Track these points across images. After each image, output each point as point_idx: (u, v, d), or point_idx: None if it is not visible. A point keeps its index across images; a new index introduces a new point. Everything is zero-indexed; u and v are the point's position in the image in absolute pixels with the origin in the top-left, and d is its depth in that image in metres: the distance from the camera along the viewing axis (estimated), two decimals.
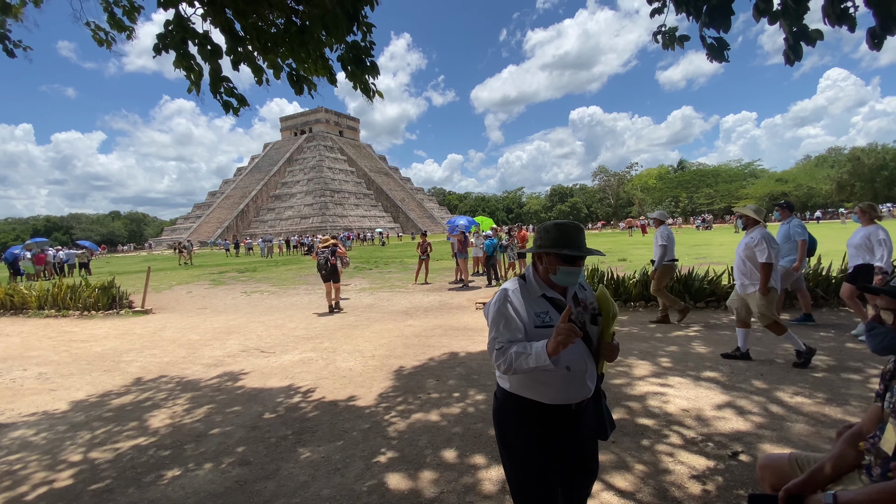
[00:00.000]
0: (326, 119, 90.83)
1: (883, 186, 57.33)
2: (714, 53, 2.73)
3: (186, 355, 6.45)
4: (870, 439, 1.66)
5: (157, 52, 3.24)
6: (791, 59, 2.55)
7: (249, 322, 8.68)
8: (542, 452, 1.79)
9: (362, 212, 74.27)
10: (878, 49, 2.29)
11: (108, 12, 3.80)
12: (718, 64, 2.82)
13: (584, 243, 1.78)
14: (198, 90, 3.38)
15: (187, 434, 3.82)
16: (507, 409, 1.85)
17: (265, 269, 20.35)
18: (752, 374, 4.42)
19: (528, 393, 1.79)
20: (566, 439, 1.81)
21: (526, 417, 1.80)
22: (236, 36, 3.16)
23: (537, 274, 1.84)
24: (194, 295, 13.33)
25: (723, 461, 2.91)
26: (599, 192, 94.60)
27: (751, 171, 78.05)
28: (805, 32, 2.50)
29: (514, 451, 1.85)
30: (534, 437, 1.79)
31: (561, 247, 1.73)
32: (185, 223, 77.99)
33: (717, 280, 7.83)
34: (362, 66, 3.56)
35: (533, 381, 1.77)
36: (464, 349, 5.92)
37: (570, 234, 1.76)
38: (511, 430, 1.84)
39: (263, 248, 32.96)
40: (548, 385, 1.76)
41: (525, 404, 1.79)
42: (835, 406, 3.61)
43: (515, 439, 1.83)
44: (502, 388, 1.87)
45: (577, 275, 1.78)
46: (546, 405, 1.77)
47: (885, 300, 1.58)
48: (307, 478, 3.02)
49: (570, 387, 1.76)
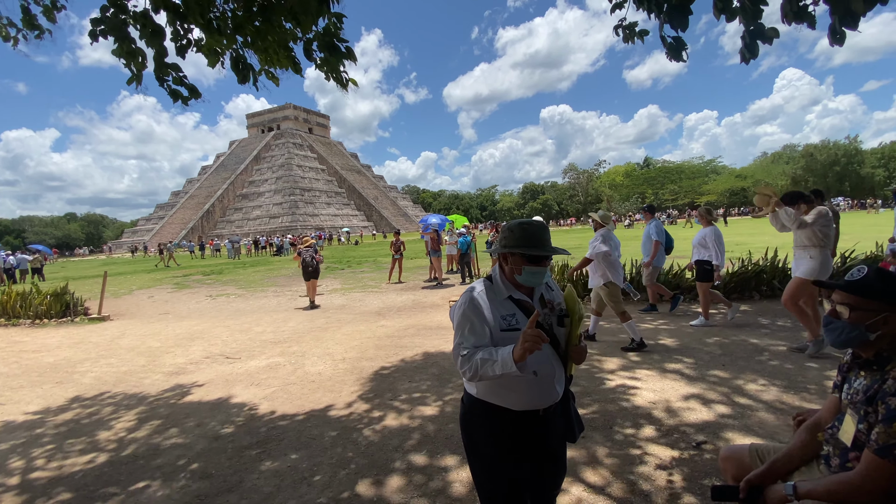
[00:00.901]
0: (295, 116, 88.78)
1: (834, 181, 60.75)
2: (672, 53, 2.76)
3: (146, 364, 6.14)
4: (828, 430, 1.70)
5: (93, 39, 2.99)
6: (747, 57, 2.59)
7: (214, 327, 8.36)
8: (510, 458, 1.74)
9: (334, 210, 73.07)
10: (840, 44, 2.35)
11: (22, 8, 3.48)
12: (680, 64, 2.85)
13: (549, 242, 1.74)
14: (138, 82, 3.14)
15: (144, 447, 3.61)
16: (473, 414, 1.79)
17: (232, 272, 19.72)
18: (715, 365, 4.54)
19: (496, 399, 1.73)
20: (535, 444, 1.76)
21: (493, 423, 1.74)
22: (178, 12, 2.91)
23: (503, 275, 1.79)
24: (156, 300, 12.77)
25: (688, 452, 2.96)
26: (570, 190, 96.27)
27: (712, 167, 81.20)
28: (761, 31, 2.55)
29: (481, 457, 1.80)
30: (501, 443, 1.74)
31: (526, 246, 1.69)
32: (147, 224, 74.79)
33: (682, 273, 8.05)
34: (336, 53, 3.34)
35: (500, 386, 1.71)
36: (437, 348, 5.86)
37: (535, 233, 1.72)
38: (478, 436, 1.79)
39: (230, 249, 31.94)
40: (515, 391, 1.70)
41: (492, 410, 1.74)
42: (792, 394, 3.74)
43: (483, 446, 1.78)
44: (469, 393, 1.81)
45: (543, 275, 1.73)
46: (514, 411, 1.71)
47: (840, 295, 1.60)
48: (272, 489, 2.90)
49: (539, 392, 1.72)
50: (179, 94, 3.26)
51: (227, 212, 73.93)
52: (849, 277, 1.59)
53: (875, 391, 1.48)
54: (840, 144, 64.49)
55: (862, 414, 1.51)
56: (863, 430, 1.50)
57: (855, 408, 1.56)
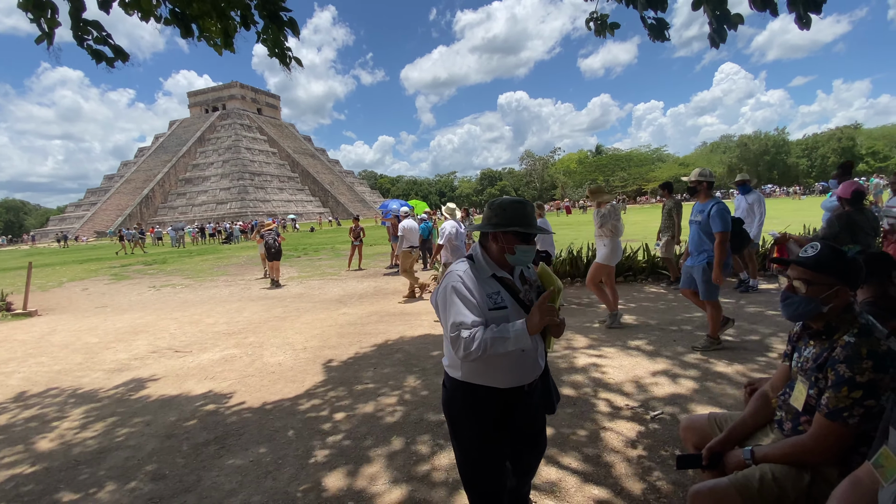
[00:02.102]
0: (242, 95, 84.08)
1: (765, 170, 65.56)
2: (655, 33, 2.82)
3: (83, 361, 5.68)
4: (780, 396, 1.82)
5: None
6: (716, 42, 2.70)
7: (160, 319, 7.86)
8: (495, 437, 1.77)
9: (287, 196, 70.43)
10: (807, 28, 2.49)
11: None
12: (631, 54, 2.93)
13: (535, 221, 1.77)
14: (49, 41, 2.74)
15: (87, 452, 3.34)
16: (457, 398, 1.80)
17: (177, 261, 18.59)
18: (670, 341, 4.80)
19: (483, 380, 1.73)
20: (518, 419, 1.81)
21: (478, 404, 1.76)
22: None
23: (487, 254, 1.78)
24: (91, 292, 11.83)
25: (649, 424, 3.12)
26: (526, 176, 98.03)
27: (658, 155, 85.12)
28: (727, 16, 2.66)
29: (466, 439, 1.82)
30: (486, 423, 1.76)
31: (521, 225, 1.69)
32: (77, 211, 68.98)
33: (633, 255, 8.44)
34: (278, 21, 3.10)
35: (487, 366, 1.71)
36: (401, 334, 5.81)
37: (528, 213, 1.73)
38: (463, 418, 1.80)
39: (174, 237, 30.06)
40: (502, 368, 1.72)
41: (478, 391, 1.74)
42: (738, 365, 4.02)
43: (468, 428, 1.80)
44: (453, 377, 1.79)
45: (533, 253, 1.75)
46: (500, 389, 1.73)
47: (796, 270, 1.70)
48: (234, 485, 2.77)
49: (524, 367, 1.75)
50: (103, 55, 2.88)
51: (168, 197, 69.39)
52: (803, 254, 1.69)
53: (825, 359, 1.59)
54: (770, 136, 69.51)
55: (812, 380, 1.62)
56: (813, 395, 1.62)
57: (805, 375, 1.68)
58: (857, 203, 4.08)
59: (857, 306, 1.64)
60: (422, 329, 6.01)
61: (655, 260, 8.15)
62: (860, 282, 1.66)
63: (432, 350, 5.07)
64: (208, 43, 3.32)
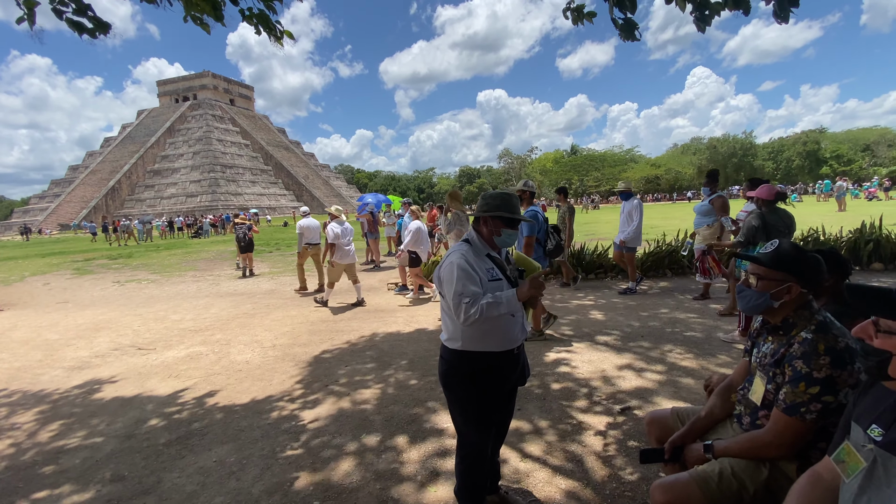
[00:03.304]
0: (214, 85, 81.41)
1: (733, 171, 67.70)
2: (625, 32, 2.86)
3: (42, 358, 5.41)
4: (739, 391, 1.86)
5: None
6: (702, 27, 2.80)
7: (123, 316, 7.55)
8: (490, 397, 2.06)
9: (260, 189, 68.73)
10: (785, 21, 2.60)
11: None
12: (608, 55, 2.99)
13: (520, 210, 2.12)
14: (30, 21, 2.63)
15: (45, 453, 3.18)
16: (455, 367, 2.06)
17: (143, 255, 17.91)
18: (638, 336, 4.90)
19: (481, 345, 2.00)
20: (507, 381, 2.11)
21: (476, 370, 2.03)
22: None
23: (481, 236, 2.10)
24: (53, 287, 11.28)
25: (616, 417, 3.17)
26: (504, 175, 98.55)
27: (631, 156, 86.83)
28: (707, 4, 2.72)
29: (465, 402, 2.09)
30: (482, 385, 2.04)
31: (506, 211, 2.03)
32: (41, 203, 65.55)
33: (605, 253, 8.60)
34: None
35: (484, 332, 1.99)
36: (375, 331, 5.74)
37: (513, 201, 2.08)
38: (463, 385, 2.06)
39: (141, 230, 28.95)
40: (497, 332, 2.01)
41: (476, 357, 2.02)
42: (702, 359, 4.13)
43: (467, 392, 2.06)
44: (452, 349, 2.05)
45: (516, 237, 2.09)
46: (496, 353, 2.02)
47: (751, 266, 1.74)
48: (196, 487, 2.68)
49: (513, 331, 2.05)
50: (83, 26, 2.79)
51: (136, 189, 66.72)
52: (762, 250, 1.73)
53: (782, 355, 1.63)
54: (738, 139, 71.86)
55: (770, 375, 1.67)
56: (771, 390, 1.66)
57: (764, 370, 1.72)
58: (773, 205, 4.42)
59: (814, 303, 1.68)
60: (395, 326, 5.96)
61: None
62: (818, 280, 1.68)
63: (405, 347, 5.03)
64: (195, 22, 3.21)
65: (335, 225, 7.10)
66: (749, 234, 4.37)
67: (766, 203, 4.43)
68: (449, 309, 1.95)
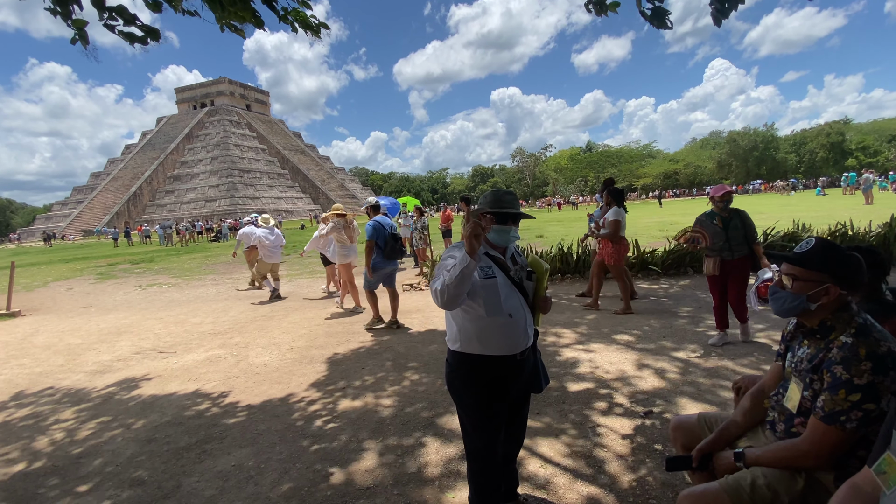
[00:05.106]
0: (231, 91, 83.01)
1: (754, 165, 66.06)
2: (656, 20, 2.80)
3: (65, 363, 5.54)
4: (773, 397, 1.77)
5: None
6: (719, 20, 2.74)
7: (145, 319, 7.70)
8: (492, 405, 2.00)
9: (277, 193, 69.81)
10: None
11: None
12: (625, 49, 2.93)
13: (515, 206, 2.03)
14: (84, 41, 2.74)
15: (65, 458, 3.23)
16: (457, 371, 2.03)
17: (164, 260, 18.31)
18: (658, 336, 4.78)
19: (478, 348, 1.95)
20: (513, 390, 2.05)
21: (475, 374, 1.98)
22: None
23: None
24: (76, 292, 11.59)
25: (639, 420, 3.07)
26: (518, 173, 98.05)
27: (648, 152, 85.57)
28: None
29: (468, 407, 2.05)
30: (482, 391, 1.98)
31: (494, 207, 2.00)
32: (64, 210, 67.82)
33: None
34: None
35: (480, 334, 1.94)
36: (392, 333, 5.73)
37: (502, 198, 2.03)
38: (463, 389, 2.03)
39: (162, 235, 29.61)
40: (493, 334, 1.94)
41: (475, 361, 1.97)
42: (727, 360, 4.00)
43: (468, 398, 2.03)
44: (453, 351, 2.04)
45: (508, 233, 2.01)
46: (494, 358, 1.95)
47: (786, 266, 1.65)
48: (215, 491, 2.68)
49: (514, 336, 1.96)
50: (134, 35, 2.92)
51: (156, 195, 68.47)
52: (797, 249, 1.64)
53: (820, 360, 1.53)
54: (759, 131, 69.94)
55: (807, 382, 1.57)
56: (808, 397, 1.56)
57: (800, 376, 1.62)
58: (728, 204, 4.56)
59: (854, 305, 1.58)
60: (413, 328, 5.93)
61: (644, 256, 8.18)
62: (859, 281, 1.57)
63: (420, 349, 5.00)
64: (231, 29, 3.30)
65: (265, 231, 8.78)
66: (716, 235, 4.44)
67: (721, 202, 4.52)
68: None
